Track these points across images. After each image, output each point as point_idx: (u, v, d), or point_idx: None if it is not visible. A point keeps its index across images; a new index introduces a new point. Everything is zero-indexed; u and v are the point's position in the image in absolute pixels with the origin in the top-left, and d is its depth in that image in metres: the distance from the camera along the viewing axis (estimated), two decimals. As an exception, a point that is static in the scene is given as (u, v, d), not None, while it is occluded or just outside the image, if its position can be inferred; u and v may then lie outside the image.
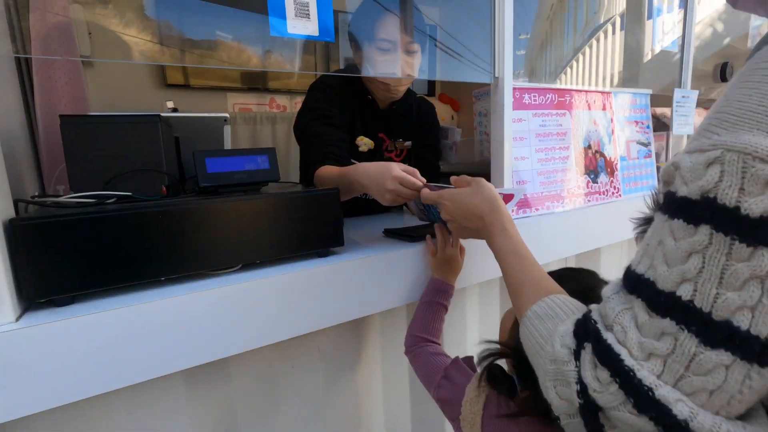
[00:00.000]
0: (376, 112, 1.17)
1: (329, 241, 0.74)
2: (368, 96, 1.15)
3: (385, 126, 1.19)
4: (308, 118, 1.09)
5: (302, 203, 0.70)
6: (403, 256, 0.78)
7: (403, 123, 1.21)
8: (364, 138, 1.15)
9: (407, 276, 0.79)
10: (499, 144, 0.96)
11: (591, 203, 1.15)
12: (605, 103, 1.20)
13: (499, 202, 0.64)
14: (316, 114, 1.09)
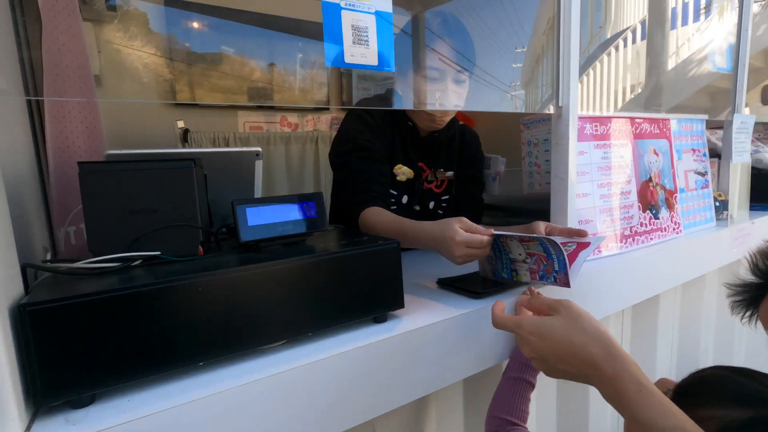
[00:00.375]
0: (416, 139, 1.08)
1: (388, 303, 0.63)
2: (409, 122, 1.06)
3: (426, 155, 1.10)
4: (348, 149, 1.00)
5: (362, 261, 0.60)
6: (475, 318, 0.67)
7: (445, 152, 1.12)
8: (402, 167, 1.06)
9: (482, 339, 0.68)
10: (561, 180, 0.86)
11: (654, 242, 1.04)
12: (664, 130, 1.10)
13: (613, 340, 0.50)
14: (356, 146, 1.00)
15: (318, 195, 0.66)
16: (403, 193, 1.08)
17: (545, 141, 1.02)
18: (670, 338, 1.20)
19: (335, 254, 0.58)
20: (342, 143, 1.03)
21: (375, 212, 0.93)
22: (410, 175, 1.07)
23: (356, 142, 1.00)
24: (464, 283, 0.76)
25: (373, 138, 1.01)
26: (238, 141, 2.20)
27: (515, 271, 0.74)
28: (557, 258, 0.67)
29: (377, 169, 0.99)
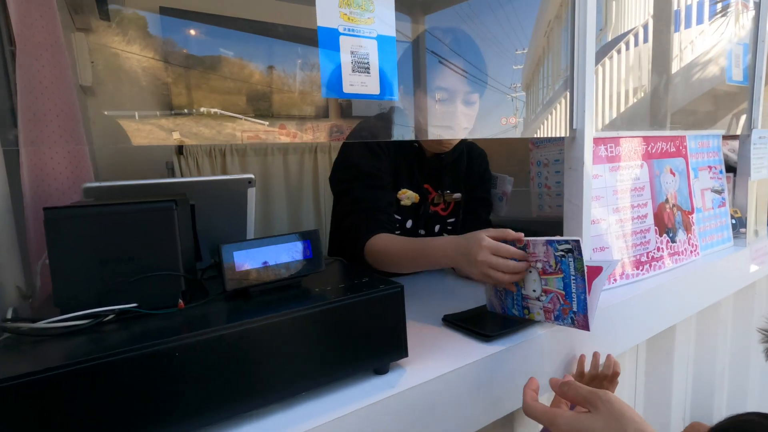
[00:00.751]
0: (422, 161, 1.02)
1: (390, 353, 0.57)
2: (415, 144, 1.00)
3: (432, 177, 1.04)
4: (351, 176, 0.95)
5: (362, 309, 0.54)
6: (485, 365, 0.61)
7: (452, 173, 1.06)
8: (407, 191, 1.00)
9: (493, 388, 0.62)
10: (575, 207, 0.81)
11: (671, 267, 0.98)
12: (680, 148, 1.04)
13: None
14: (359, 172, 0.94)
15: (314, 233, 0.61)
16: (408, 217, 1.02)
17: (556, 161, 0.97)
18: (685, 371, 1.14)
19: (333, 303, 0.52)
20: (344, 169, 0.97)
21: (382, 239, 0.88)
22: (415, 200, 1.01)
23: (359, 169, 0.94)
24: (472, 322, 0.70)
25: (377, 163, 0.96)
26: (235, 153, 2.15)
27: (527, 308, 0.68)
28: (578, 297, 0.61)
29: (382, 196, 0.94)
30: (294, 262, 0.58)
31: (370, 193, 0.93)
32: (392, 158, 0.99)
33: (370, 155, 0.95)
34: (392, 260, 0.86)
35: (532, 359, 0.67)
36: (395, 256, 0.85)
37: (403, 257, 0.83)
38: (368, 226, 0.90)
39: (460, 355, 0.62)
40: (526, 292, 0.68)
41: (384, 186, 0.94)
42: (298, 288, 0.58)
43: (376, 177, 0.94)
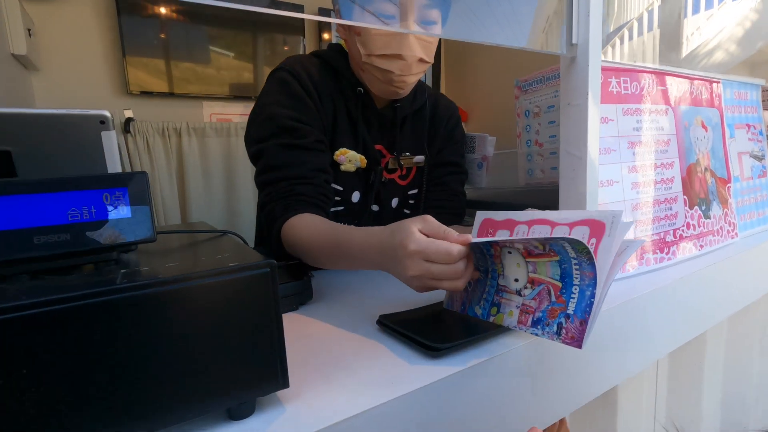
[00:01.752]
0: (370, 112, 0.77)
1: (255, 381, 0.33)
2: (359, 88, 0.75)
3: (385, 134, 0.79)
4: (266, 133, 0.70)
5: (197, 303, 0.30)
6: (430, 395, 0.37)
7: (412, 129, 0.81)
8: (347, 152, 0.75)
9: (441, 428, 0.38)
10: (576, 161, 0.56)
11: (704, 250, 0.74)
12: (713, 95, 0.80)
13: None
14: (277, 126, 0.69)
15: (139, 176, 0.36)
16: (353, 188, 0.78)
17: (549, 109, 0.72)
18: (716, 388, 0.90)
19: (142, 290, 0.28)
20: (258, 123, 0.72)
21: (301, 223, 0.64)
22: (361, 164, 0.77)
23: (276, 122, 0.69)
24: (416, 326, 0.46)
25: (302, 113, 0.71)
26: (192, 132, 1.91)
27: (497, 305, 0.44)
28: (580, 294, 0.37)
29: (308, 159, 0.69)
30: (98, 224, 0.34)
31: (290, 155, 0.68)
32: (327, 107, 0.74)
33: (292, 102, 0.70)
34: (308, 256, 0.62)
35: (502, 389, 0.43)
36: (310, 250, 0.61)
37: (319, 253, 0.60)
38: (285, 203, 0.67)
39: (387, 380, 0.37)
40: (504, 282, 0.44)
41: (311, 145, 0.70)
42: (101, 269, 0.34)
43: (300, 132, 0.69)
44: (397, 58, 0.68)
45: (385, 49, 0.68)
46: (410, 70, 0.70)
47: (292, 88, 0.71)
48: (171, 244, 0.43)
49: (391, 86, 0.72)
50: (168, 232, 0.51)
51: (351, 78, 0.75)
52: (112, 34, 2.04)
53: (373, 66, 0.70)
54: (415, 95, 0.80)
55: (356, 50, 0.71)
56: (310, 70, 0.73)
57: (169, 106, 2.21)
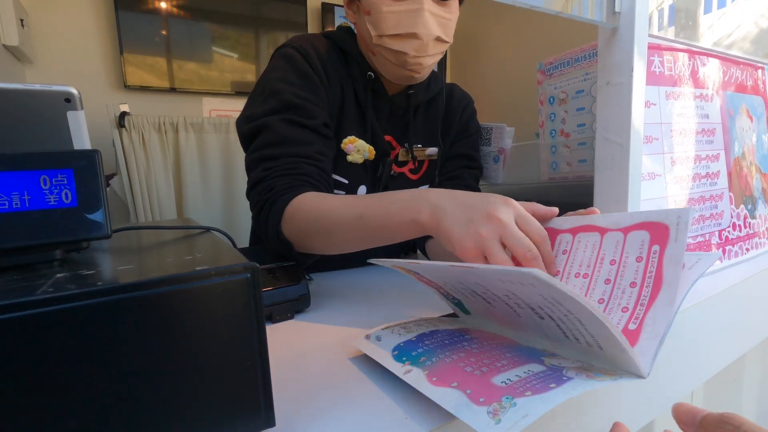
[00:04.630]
0: (381, 99, 0.70)
1: (231, 419, 0.26)
2: (370, 73, 0.68)
3: (396, 124, 0.72)
4: (269, 108, 0.62)
5: (163, 312, 0.22)
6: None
7: (425, 120, 0.74)
8: (356, 140, 0.68)
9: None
10: (616, 148, 0.48)
11: (749, 255, 0.66)
12: (758, 81, 0.72)
13: None
14: (283, 102, 0.61)
15: (88, 154, 0.29)
16: (359, 181, 0.70)
17: (578, 94, 0.64)
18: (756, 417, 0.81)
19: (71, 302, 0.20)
20: (260, 99, 0.64)
21: (313, 197, 0.55)
22: (369, 155, 0.69)
23: (282, 97, 0.61)
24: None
25: (312, 94, 0.63)
26: (190, 127, 1.85)
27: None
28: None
29: (316, 141, 0.61)
30: (32, 215, 0.27)
31: (297, 131, 0.60)
32: (335, 90, 0.66)
33: (299, 79, 0.63)
34: (322, 227, 0.52)
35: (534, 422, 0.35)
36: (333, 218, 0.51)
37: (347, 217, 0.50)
38: (289, 181, 0.58)
39: (399, 415, 0.30)
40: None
41: (318, 128, 0.62)
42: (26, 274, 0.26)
43: (308, 112, 0.61)
44: (412, 38, 0.60)
45: (397, 27, 0.60)
46: (426, 50, 0.62)
47: (298, 65, 0.64)
48: (136, 243, 0.36)
49: (405, 70, 0.64)
50: (135, 228, 0.43)
51: (361, 61, 0.68)
52: (109, 28, 1.98)
53: (385, 48, 0.62)
54: (429, 83, 0.73)
55: (366, 32, 0.64)
56: (318, 48, 0.66)
57: (167, 101, 2.14)
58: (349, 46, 0.68)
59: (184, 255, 0.29)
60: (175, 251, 0.32)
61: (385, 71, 0.67)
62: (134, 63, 2.00)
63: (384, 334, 0.38)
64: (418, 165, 0.74)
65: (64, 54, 1.91)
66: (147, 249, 0.34)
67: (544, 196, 0.73)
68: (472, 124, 0.78)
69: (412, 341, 0.35)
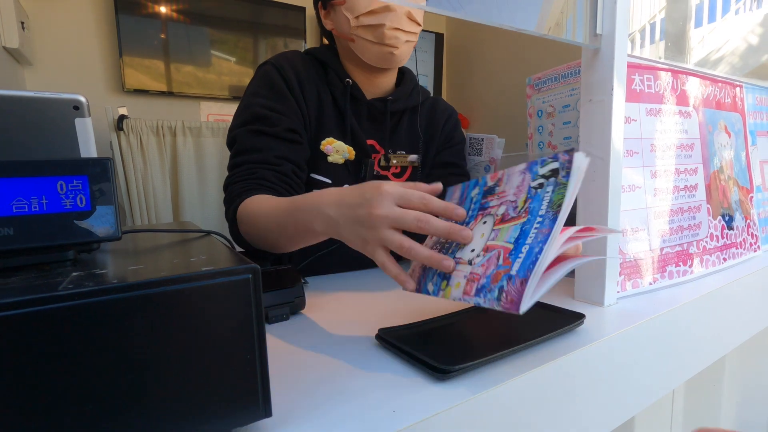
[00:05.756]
0: (360, 104, 0.74)
1: (228, 410, 0.28)
2: (348, 80, 0.73)
3: (377, 129, 0.76)
4: (240, 120, 0.69)
5: (172, 310, 0.24)
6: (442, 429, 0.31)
7: (409, 127, 0.78)
8: (334, 141, 0.72)
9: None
10: (599, 162, 0.51)
11: (727, 264, 0.69)
12: (736, 99, 0.75)
13: None
14: (251, 114, 0.68)
15: (101, 162, 0.31)
16: (342, 181, 0.74)
17: (565, 108, 0.67)
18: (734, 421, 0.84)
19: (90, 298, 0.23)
20: (237, 114, 0.71)
21: (253, 203, 0.61)
22: (349, 155, 0.73)
23: (250, 110, 0.68)
24: (420, 343, 0.40)
25: (278, 103, 0.69)
26: (188, 131, 1.87)
27: (447, 278, 0.39)
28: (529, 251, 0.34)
29: (274, 147, 0.67)
30: (49, 218, 0.29)
31: (257, 140, 0.66)
32: (311, 98, 0.71)
33: (268, 92, 0.69)
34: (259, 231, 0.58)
35: (519, 418, 0.37)
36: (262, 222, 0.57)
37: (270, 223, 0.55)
38: (244, 185, 0.64)
39: (387, 409, 0.32)
40: (460, 254, 0.40)
41: (280, 134, 0.67)
42: (42, 272, 0.28)
43: (270, 120, 0.67)
44: (386, 10, 0.67)
45: (371, 4, 0.67)
46: (401, 23, 0.68)
47: (271, 80, 0.70)
48: (142, 245, 0.38)
49: (384, 45, 0.69)
50: (143, 230, 0.45)
51: (339, 70, 0.74)
52: (109, 32, 2.00)
53: (362, 27, 0.68)
54: (412, 92, 0.77)
55: (345, 24, 0.70)
56: (294, 62, 0.72)
57: (165, 105, 2.16)
58: (328, 57, 0.75)
59: (189, 257, 0.32)
60: (179, 253, 0.34)
61: (367, 54, 0.71)
62: (133, 66, 2.02)
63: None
64: (400, 170, 0.77)
65: (64, 57, 1.93)
66: (152, 250, 0.36)
67: (532, 206, 0.76)
68: (456, 134, 0.82)
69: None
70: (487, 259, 0.36)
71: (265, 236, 0.57)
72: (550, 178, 0.37)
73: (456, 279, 0.38)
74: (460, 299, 0.37)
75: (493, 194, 0.42)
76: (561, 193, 0.35)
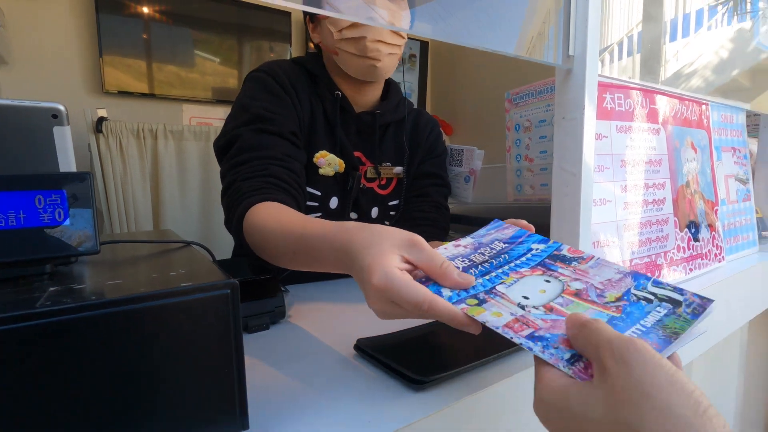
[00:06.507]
0: (349, 116, 0.75)
1: (205, 422, 0.28)
2: (337, 92, 0.73)
3: (364, 141, 0.77)
4: (240, 122, 0.66)
5: (149, 325, 0.25)
6: None
7: (394, 139, 0.79)
8: (327, 154, 0.72)
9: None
10: (570, 177, 0.53)
11: (692, 274, 0.72)
12: (701, 117, 0.79)
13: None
14: (251, 115, 0.66)
15: (80, 176, 0.31)
16: (331, 193, 0.74)
17: (541, 123, 0.70)
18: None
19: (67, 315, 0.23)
20: (231, 116, 0.69)
21: (269, 209, 0.56)
22: (340, 168, 0.74)
23: (249, 111, 0.66)
24: (397, 353, 0.41)
25: (277, 106, 0.68)
26: (169, 134, 1.84)
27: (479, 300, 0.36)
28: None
29: (282, 144, 0.65)
30: (26, 233, 0.29)
31: (264, 138, 0.65)
32: (305, 106, 0.72)
33: (267, 96, 0.68)
34: (269, 247, 0.53)
35: (496, 427, 0.38)
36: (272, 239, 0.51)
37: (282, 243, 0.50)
38: (255, 183, 0.60)
39: (363, 420, 0.33)
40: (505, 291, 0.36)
41: (285, 135, 0.66)
42: (19, 286, 0.28)
43: (275, 121, 0.66)
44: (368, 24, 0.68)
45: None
46: (382, 35, 0.69)
47: (267, 85, 0.69)
48: (121, 257, 0.38)
49: (366, 58, 0.70)
50: (122, 241, 0.45)
51: (328, 82, 0.74)
52: (89, 31, 1.97)
53: (345, 40, 0.69)
54: (398, 105, 0.78)
55: (329, 37, 0.71)
56: (287, 70, 0.72)
57: (146, 108, 2.13)
58: (317, 68, 0.75)
59: (168, 270, 0.32)
60: (158, 266, 0.35)
61: (350, 67, 0.72)
62: (113, 65, 1.99)
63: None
64: (386, 182, 0.78)
65: (41, 56, 1.89)
66: (131, 263, 0.36)
67: (510, 216, 0.78)
68: (439, 145, 0.84)
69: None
70: (552, 319, 0.34)
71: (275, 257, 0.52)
72: (664, 302, 0.35)
73: (494, 306, 0.35)
74: (497, 329, 0.33)
75: (567, 264, 0.40)
76: (680, 325, 0.33)
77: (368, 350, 0.42)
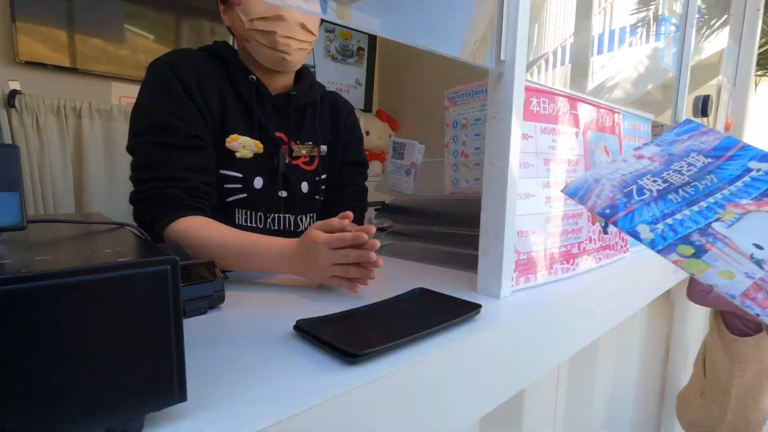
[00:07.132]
0: (265, 99, 0.77)
1: (143, 394, 0.29)
2: (251, 76, 0.75)
3: (284, 122, 0.80)
4: (139, 128, 0.68)
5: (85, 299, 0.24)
6: (345, 407, 0.34)
7: (313, 120, 0.83)
8: (239, 137, 0.74)
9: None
10: (498, 172, 0.58)
11: (602, 263, 0.81)
12: (614, 124, 0.89)
13: None
14: (150, 122, 0.67)
15: (6, 150, 0.30)
16: (254, 174, 0.76)
17: (476, 122, 0.75)
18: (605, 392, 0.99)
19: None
20: (134, 117, 0.70)
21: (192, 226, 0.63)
22: (257, 149, 0.75)
23: (149, 117, 0.67)
24: (335, 331, 0.44)
25: (178, 108, 0.68)
26: (96, 114, 1.71)
27: (694, 245, 0.29)
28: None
29: (178, 159, 0.67)
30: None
31: (159, 153, 0.66)
32: (212, 97, 0.72)
33: (166, 95, 0.68)
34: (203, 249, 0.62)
35: (420, 395, 0.42)
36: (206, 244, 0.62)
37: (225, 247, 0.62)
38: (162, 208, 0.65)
39: (300, 390, 0.34)
40: (726, 232, 0.29)
41: (182, 143, 0.67)
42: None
43: (172, 129, 0.67)
44: (278, 19, 0.69)
45: (265, 12, 0.69)
46: (293, 32, 0.71)
47: (167, 83, 0.69)
48: (52, 235, 0.37)
49: (276, 50, 0.72)
50: (52, 221, 0.43)
51: (242, 66, 0.76)
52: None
53: (256, 31, 0.70)
54: (311, 87, 0.83)
55: (240, 23, 0.72)
56: (191, 61, 0.72)
57: (68, 83, 1.95)
58: (227, 54, 0.76)
59: (103, 248, 0.32)
60: (92, 244, 0.34)
61: (261, 57, 0.74)
62: (29, 33, 1.80)
63: None
64: (310, 159, 0.83)
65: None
66: (62, 241, 0.35)
67: (446, 207, 0.83)
68: (356, 129, 0.91)
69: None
70: None
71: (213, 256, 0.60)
72: None
73: (723, 263, 0.26)
74: (733, 298, 0.25)
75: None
76: None
77: (306, 330, 0.44)
